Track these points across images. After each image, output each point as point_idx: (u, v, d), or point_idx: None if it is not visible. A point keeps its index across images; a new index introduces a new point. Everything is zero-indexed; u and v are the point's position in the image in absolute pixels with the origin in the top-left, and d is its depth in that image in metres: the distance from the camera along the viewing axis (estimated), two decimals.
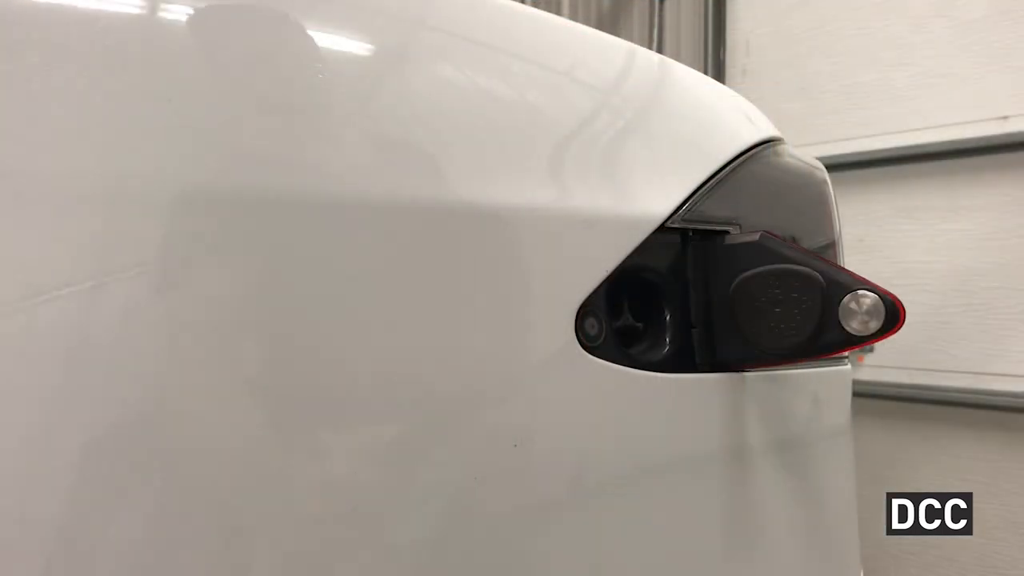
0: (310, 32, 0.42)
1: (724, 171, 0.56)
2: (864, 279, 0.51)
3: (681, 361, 0.53)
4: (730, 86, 1.44)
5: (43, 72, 0.34)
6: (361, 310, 0.40)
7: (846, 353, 0.65)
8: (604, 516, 0.48)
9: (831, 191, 0.70)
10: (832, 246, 0.68)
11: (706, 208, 0.54)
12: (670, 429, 0.51)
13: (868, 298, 0.50)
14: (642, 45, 0.65)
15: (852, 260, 0.71)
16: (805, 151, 0.72)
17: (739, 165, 0.57)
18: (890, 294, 0.50)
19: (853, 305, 0.50)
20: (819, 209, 0.68)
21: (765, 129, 0.65)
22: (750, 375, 0.55)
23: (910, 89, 1.90)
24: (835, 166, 1.89)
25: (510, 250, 0.44)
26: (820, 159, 0.74)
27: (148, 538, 0.35)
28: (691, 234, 0.54)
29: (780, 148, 0.65)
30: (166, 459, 0.35)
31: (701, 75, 0.67)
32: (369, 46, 0.44)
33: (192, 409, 0.36)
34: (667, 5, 2.18)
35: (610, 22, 2.24)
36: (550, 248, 0.46)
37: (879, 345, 1.84)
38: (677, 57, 1.33)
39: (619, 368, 0.48)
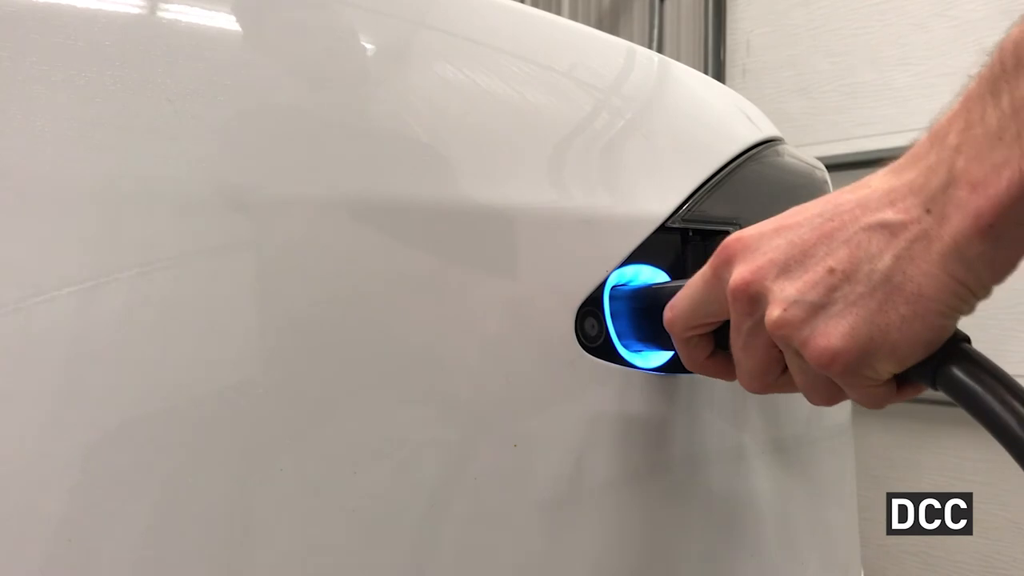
0: (308, 33, 0.42)
1: (724, 171, 0.56)
2: None
3: (681, 361, 0.53)
4: (730, 86, 1.43)
5: (43, 72, 0.34)
6: (360, 310, 0.40)
7: None
8: (603, 516, 0.48)
9: (831, 191, 0.70)
10: None
11: (706, 208, 0.54)
12: (670, 429, 0.51)
13: None
14: (642, 45, 0.65)
15: None
16: (805, 151, 0.72)
17: (739, 165, 0.57)
18: None
19: None
20: None
21: (765, 129, 0.65)
22: None
23: (910, 89, 1.90)
24: (835, 166, 1.89)
25: (510, 250, 0.44)
26: (820, 159, 0.74)
27: (148, 538, 0.35)
28: (691, 234, 0.54)
29: (780, 148, 0.65)
30: (167, 460, 0.35)
31: (701, 75, 0.67)
32: (369, 47, 0.44)
33: (192, 409, 0.36)
34: (667, 5, 2.18)
35: (610, 22, 2.23)
36: (550, 248, 0.46)
37: None
38: (677, 57, 1.32)
39: (618, 368, 0.48)
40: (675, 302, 0.44)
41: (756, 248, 0.39)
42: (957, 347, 0.36)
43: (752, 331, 0.40)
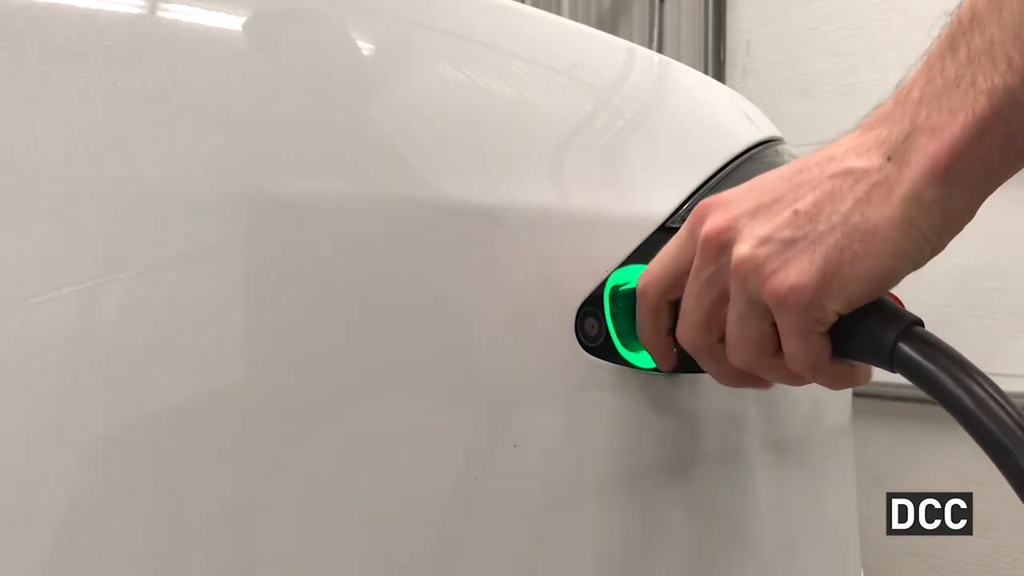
0: (308, 33, 0.42)
1: (724, 171, 0.56)
2: None
3: (681, 361, 0.53)
4: (730, 86, 1.43)
5: (43, 72, 0.34)
6: (360, 310, 0.40)
7: None
8: (602, 516, 0.48)
9: None
10: None
11: None
12: (670, 429, 0.51)
13: None
14: (642, 45, 0.65)
15: None
16: (805, 151, 0.72)
17: (739, 165, 0.57)
18: (890, 294, 0.50)
19: None
20: None
21: (765, 129, 0.65)
22: None
23: None
24: None
25: (510, 250, 0.44)
26: None
27: (149, 539, 0.35)
28: None
29: (780, 148, 0.65)
30: (166, 460, 0.35)
31: (701, 75, 0.68)
32: (368, 46, 0.44)
33: (192, 409, 0.36)
34: (667, 5, 2.18)
35: (610, 22, 2.23)
36: (550, 248, 0.46)
37: None
38: (677, 57, 1.32)
39: (618, 368, 0.48)
40: (649, 268, 0.46)
41: (729, 202, 0.42)
42: (911, 329, 0.38)
43: (710, 278, 0.42)
